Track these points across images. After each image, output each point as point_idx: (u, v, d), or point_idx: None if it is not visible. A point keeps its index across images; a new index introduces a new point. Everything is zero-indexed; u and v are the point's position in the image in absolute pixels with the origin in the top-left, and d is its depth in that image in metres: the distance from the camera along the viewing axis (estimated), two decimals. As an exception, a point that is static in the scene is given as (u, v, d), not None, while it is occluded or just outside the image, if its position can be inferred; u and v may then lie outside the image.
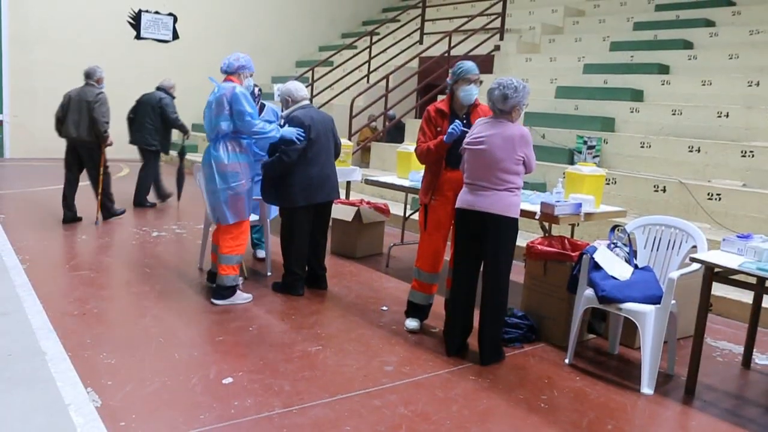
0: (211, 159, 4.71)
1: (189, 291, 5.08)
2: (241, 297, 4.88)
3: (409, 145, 6.41)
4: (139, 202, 8.28)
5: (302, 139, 4.87)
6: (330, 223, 5.58)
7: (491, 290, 3.96)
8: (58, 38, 12.83)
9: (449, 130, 4.09)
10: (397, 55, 12.45)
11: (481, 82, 4.29)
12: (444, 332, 4.22)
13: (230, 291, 4.83)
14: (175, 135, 8.70)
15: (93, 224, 7.12)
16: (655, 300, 3.75)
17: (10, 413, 3.03)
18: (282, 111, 5.26)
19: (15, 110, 12.58)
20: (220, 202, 4.71)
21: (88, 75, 7.24)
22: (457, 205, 4.04)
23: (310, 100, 7.70)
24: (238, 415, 3.15)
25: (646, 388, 3.71)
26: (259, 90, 5.38)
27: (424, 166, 4.51)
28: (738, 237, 3.73)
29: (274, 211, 5.68)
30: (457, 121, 4.13)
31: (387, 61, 12.35)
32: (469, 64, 4.27)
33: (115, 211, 7.42)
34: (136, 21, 13.89)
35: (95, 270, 5.50)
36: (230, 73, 4.76)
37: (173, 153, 13.11)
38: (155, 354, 3.83)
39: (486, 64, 11.24)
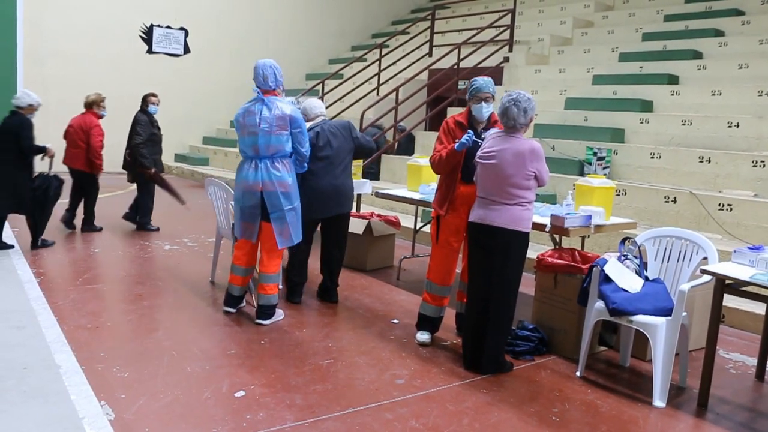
0: (273, 179, 4.55)
1: (201, 304, 5.11)
2: (279, 315, 4.85)
3: (419, 158, 6.43)
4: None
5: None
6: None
7: (497, 303, 3.96)
8: (71, 52, 12.98)
9: (461, 140, 4.11)
10: (407, 67, 12.50)
11: (493, 98, 4.31)
12: (462, 345, 4.23)
13: (275, 310, 4.77)
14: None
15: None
16: (666, 312, 3.74)
17: (26, 426, 3.06)
18: None
19: (28, 124, 12.71)
20: (287, 224, 4.60)
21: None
22: (470, 219, 4.06)
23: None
24: (250, 428, 3.16)
25: (658, 401, 3.70)
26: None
27: (434, 178, 4.53)
28: (749, 248, 3.72)
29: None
30: (470, 131, 4.15)
31: (396, 74, 12.41)
32: (481, 82, 4.27)
33: None
34: (148, 35, 14.04)
35: (108, 283, 5.55)
36: (274, 89, 4.63)
37: (186, 166, 13.23)
38: (168, 367, 3.86)
39: (495, 75, 11.26)
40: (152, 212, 7.88)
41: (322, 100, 12.40)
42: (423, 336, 4.50)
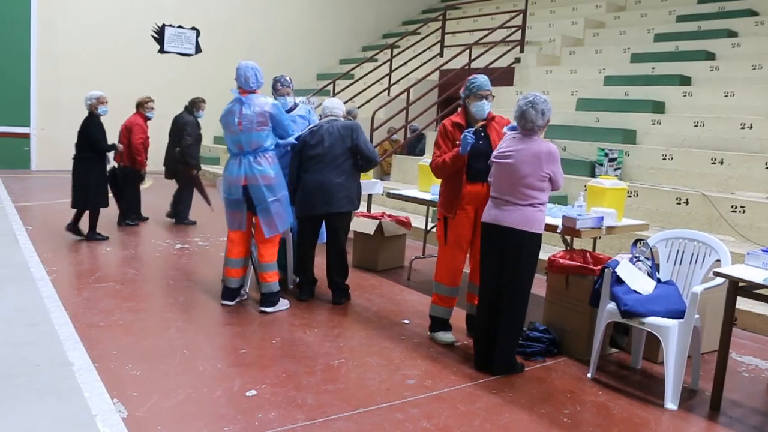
0: (255, 173, 4.78)
1: (212, 303, 5.13)
2: (284, 304, 5.03)
3: (429, 159, 6.43)
4: None
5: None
6: (351, 236, 5.61)
7: (508, 303, 3.96)
8: (84, 52, 13.07)
9: (462, 141, 4.11)
10: (418, 67, 12.50)
11: (493, 96, 4.33)
12: (473, 346, 4.23)
13: (278, 297, 4.96)
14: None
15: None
16: (679, 314, 3.72)
17: (40, 423, 3.09)
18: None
19: (42, 123, 12.82)
20: (272, 214, 4.84)
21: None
22: (482, 220, 4.06)
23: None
24: (261, 427, 3.18)
25: (670, 404, 3.68)
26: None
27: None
28: (762, 251, 3.70)
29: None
30: (467, 130, 4.15)
31: (408, 74, 12.41)
32: (481, 80, 4.30)
33: None
34: (159, 35, 14.11)
35: (120, 282, 5.58)
36: (255, 89, 4.92)
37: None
38: (180, 366, 3.88)
39: (506, 76, 11.27)
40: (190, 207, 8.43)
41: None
42: (446, 336, 4.49)
